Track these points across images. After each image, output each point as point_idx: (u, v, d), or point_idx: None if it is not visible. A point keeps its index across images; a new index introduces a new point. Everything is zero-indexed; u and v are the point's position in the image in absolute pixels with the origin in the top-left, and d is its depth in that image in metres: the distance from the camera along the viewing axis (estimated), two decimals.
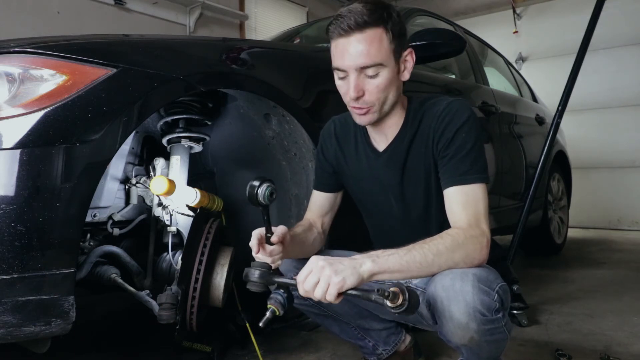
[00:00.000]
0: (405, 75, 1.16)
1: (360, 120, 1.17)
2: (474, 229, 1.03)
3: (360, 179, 1.30)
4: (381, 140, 1.24)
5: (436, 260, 0.98)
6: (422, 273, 1.01)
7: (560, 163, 3.72)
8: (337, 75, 1.14)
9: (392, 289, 0.88)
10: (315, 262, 0.93)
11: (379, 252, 0.97)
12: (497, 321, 0.98)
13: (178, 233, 1.49)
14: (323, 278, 0.90)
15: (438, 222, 1.21)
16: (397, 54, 1.11)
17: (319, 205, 1.37)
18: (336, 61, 1.11)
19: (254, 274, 1.01)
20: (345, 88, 1.12)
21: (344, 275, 0.90)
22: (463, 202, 1.07)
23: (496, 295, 0.97)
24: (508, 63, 3.77)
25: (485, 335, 0.97)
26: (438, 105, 1.17)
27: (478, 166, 1.10)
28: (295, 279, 0.96)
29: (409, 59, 1.15)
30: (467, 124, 1.12)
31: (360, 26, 1.06)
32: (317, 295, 0.91)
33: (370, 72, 1.08)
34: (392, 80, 1.11)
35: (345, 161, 1.32)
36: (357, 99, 1.11)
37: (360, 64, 1.07)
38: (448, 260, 0.99)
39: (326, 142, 1.36)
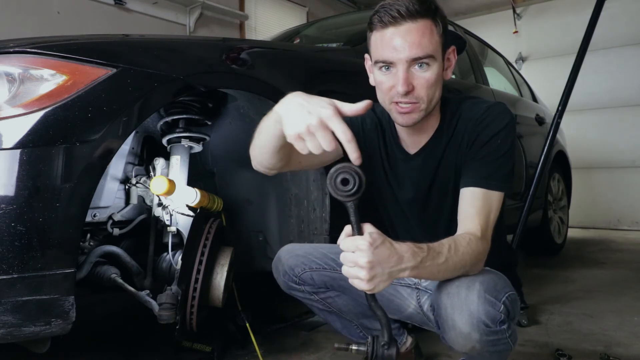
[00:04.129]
0: (448, 74, 1.09)
1: (403, 120, 1.06)
2: (484, 240, 1.00)
3: (385, 179, 1.23)
4: (413, 143, 1.16)
5: (459, 271, 0.96)
6: (442, 279, 0.99)
7: (560, 163, 3.72)
8: (378, 68, 1.05)
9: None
10: (372, 256, 0.81)
11: (424, 254, 0.88)
12: (501, 332, 0.96)
13: (178, 233, 1.49)
14: (358, 279, 0.83)
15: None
16: (444, 49, 1.05)
17: None
18: (382, 52, 1.02)
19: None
20: (391, 82, 1.03)
21: (377, 281, 0.84)
22: (479, 207, 1.02)
23: (502, 306, 0.95)
24: (508, 63, 3.77)
25: (487, 345, 0.96)
26: (477, 107, 1.11)
27: (503, 173, 1.05)
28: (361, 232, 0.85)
29: (452, 58, 1.09)
30: (506, 129, 1.06)
31: (412, 14, 0.99)
32: (346, 275, 0.85)
33: (421, 62, 1.01)
34: (440, 76, 1.04)
35: (380, 153, 1.22)
36: (407, 93, 1.01)
37: (413, 56, 0.99)
38: (464, 271, 0.97)
39: (371, 127, 1.22)
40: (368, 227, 0.86)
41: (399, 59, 1.00)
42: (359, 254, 0.82)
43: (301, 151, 0.84)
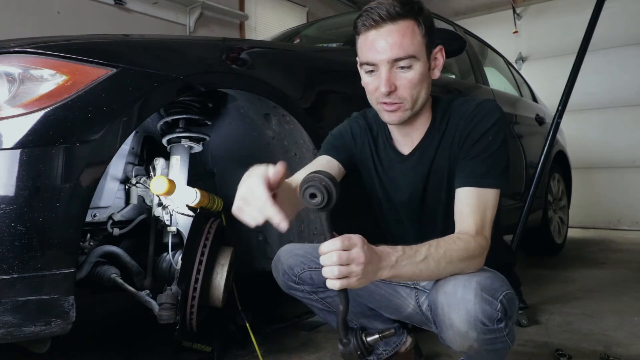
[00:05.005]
0: (436, 74, 1.10)
1: (390, 117, 1.09)
2: (480, 237, 1.00)
3: (379, 181, 1.24)
4: (406, 143, 1.18)
5: (447, 268, 0.97)
6: (430, 279, 1.01)
7: (560, 163, 3.72)
8: (364, 70, 1.08)
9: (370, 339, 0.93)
10: (357, 255, 0.84)
11: (398, 254, 0.91)
12: (499, 331, 0.96)
13: (178, 233, 1.49)
14: (346, 277, 0.84)
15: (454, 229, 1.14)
16: (429, 49, 1.07)
17: (319, 166, 1.19)
18: (365, 54, 1.05)
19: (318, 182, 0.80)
20: (376, 84, 1.06)
21: (362, 281, 0.86)
22: (473, 206, 1.03)
23: (499, 304, 0.95)
24: (508, 63, 3.77)
25: (485, 344, 0.96)
26: (467, 105, 1.12)
27: (497, 170, 1.06)
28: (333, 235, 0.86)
29: (439, 57, 1.10)
30: (496, 126, 1.07)
31: (392, 17, 1.01)
32: (328, 278, 0.85)
33: (403, 64, 1.02)
34: (424, 76, 1.06)
35: (372, 158, 1.24)
36: (389, 94, 1.04)
37: (394, 56, 1.02)
38: (456, 269, 0.98)
39: (359, 133, 1.25)
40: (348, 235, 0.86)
41: (380, 60, 1.03)
42: (356, 251, 0.83)
43: (250, 222, 0.85)
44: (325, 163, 1.20)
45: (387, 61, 1.03)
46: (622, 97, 5.13)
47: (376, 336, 0.96)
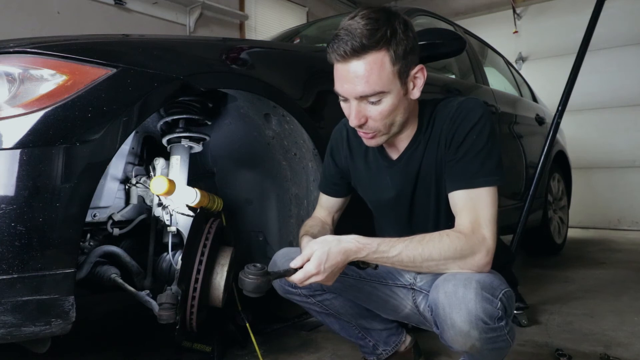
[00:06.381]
0: (415, 94, 1.08)
1: (368, 143, 1.13)
2: (475, 235, 1.00)
3: (369, 186, 1.27)
4: (394, 149, 1.21)
5: (426, 265, 0.99)
6: (410, 271, 1.06)
7: (560, 163, 3.72)
8: (339, 97, 1.09)
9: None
10: (315, 270, 1.00)
11: (371, 249, 1.00)
12: (500, 329, 0.97)
13: (178, 233, 1.49)
14: (316, 282, 1.03)
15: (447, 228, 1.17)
16: (404, 75, 1.04)
17: (328, 205, 1.39)
18: (336, 86, 1.06)
19: (249, 285, 0.99)
20: (348, 112, 1.08)
21: (332, 280, 1.04)
22: (467, 207, 1.03)
23: (499, 303, 0.96)
24: (508, 63, 3.77)
25: (487, 343, 0.96)
26: (449, 106, 1.12)
27: (488, 168, 1.04)
28: (290, 269, 1.03)
29: (420, 76, 1.07)
30: (480, 123, 1.06)
31: (357, 52, 0.98)
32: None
33: (372, 100, 1.03)
34: (398, 104, 1.05)
35: (355, 167, 1.29)
36: (360, 126, 1.07)
37: (360, 94, 1.02)
38: (440, 265, 0.99)
39: (338, 146, 1.32)
40: (308, 249, 1.02)
41: (349, 95, 1.04)
42: (314, 278, 1.00)
43: None
44: (327, 201, 1.38)
45: (354, 97, 1.03)
46: (622, 97, 5.13)
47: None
